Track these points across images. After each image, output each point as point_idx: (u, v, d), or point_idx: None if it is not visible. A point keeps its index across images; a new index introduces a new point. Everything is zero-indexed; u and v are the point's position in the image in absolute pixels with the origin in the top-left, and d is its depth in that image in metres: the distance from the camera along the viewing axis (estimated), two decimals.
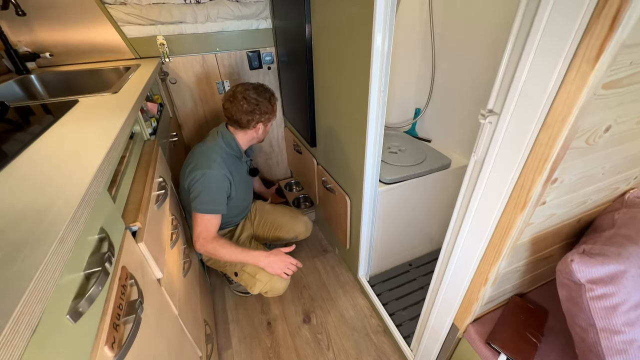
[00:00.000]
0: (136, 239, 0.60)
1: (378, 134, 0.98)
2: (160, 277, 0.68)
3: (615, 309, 0.50)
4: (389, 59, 0.83)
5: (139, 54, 1.45)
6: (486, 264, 0.60)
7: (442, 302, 0.77)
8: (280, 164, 2.13)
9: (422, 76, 1.45)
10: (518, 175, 0.49)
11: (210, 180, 1.04)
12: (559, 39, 0.38)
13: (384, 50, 0.81)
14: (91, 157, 0.48)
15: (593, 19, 0.35)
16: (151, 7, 1.39)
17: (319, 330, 1.28)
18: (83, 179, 0.42)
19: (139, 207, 0.66)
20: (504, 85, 0.49)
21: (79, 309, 0.35)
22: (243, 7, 1.53)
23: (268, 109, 1.14)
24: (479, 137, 0.55)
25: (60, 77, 1.23)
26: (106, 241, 0.45)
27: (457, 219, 0.66)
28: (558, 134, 0.42)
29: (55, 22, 1.26)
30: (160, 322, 0.62)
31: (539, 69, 0.42)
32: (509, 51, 0.47)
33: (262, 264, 1.12)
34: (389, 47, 0.81)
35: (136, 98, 0.80)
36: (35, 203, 0.37)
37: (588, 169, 0.52)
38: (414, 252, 1.53)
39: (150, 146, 0.94)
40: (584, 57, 0.36)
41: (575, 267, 0.50)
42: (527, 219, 0.51)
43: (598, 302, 0.51)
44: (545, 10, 0.39)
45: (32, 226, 0.34)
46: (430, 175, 1.24)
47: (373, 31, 0.78)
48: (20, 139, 0.57)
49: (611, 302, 0.50)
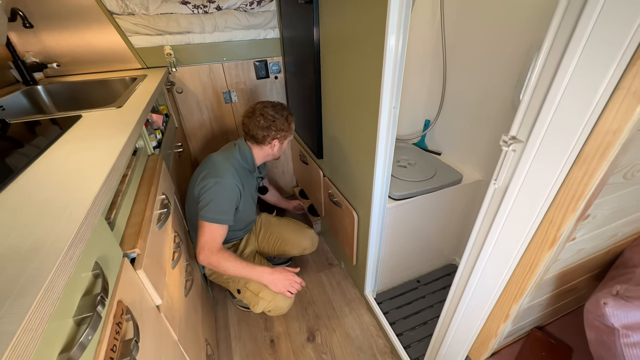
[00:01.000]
0: (135, 266, 0.57)
1: (388, 151, 0.94)
2: (160, 303, 0.65)
3: None
4: (401, 75, 0.80)
5: (146, 64, 1.44)
6: (507, 300, 0.56)
7: (456, 333, 0.73)
8: (285, 173, 2.11)
9: (433, 87, 1.41)
10: (546, 210, 0.45)
11: (222, 188, 1.04)
12: (601, 64, 0.34)
13: (395, 65, 0.78)
14: (89, 184, 0.46)
15: None
16: (159, 17, 1.38)
17: (324, 350, 1.24)
18: (77, 213, 0.39)
19: (139, 230, 0.63)
20: (530, 111, 0.45)
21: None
22: (251, 17, 1.52)
23: (284, 126, 1.16)
24: (500, 163, 0.51)
25: (67, 88, 1.22)
26: (100, 278, 0.42)
27: (473, 248, 0.61)
28: (595, 171, 0.37)
29: (63, 32, 1.26)
30: (159, 352, 0.59)
31: (575, 98, 0.38)
32: (538, 74, 0.43)
33: (266, 280, 1.08)
34: (401, 61, 0.77)
35: (140, 114, 0.77)
36: (22, 243, 0.35)
37: (622, 202, 0.48)
38: (423, 268, 1.48)
39: (154, 161, 0.91)
40: (629, 90, 0.32)
41: (609, 311, 0.46)
42: (555, 256, 0.47)
43: (634, 349, 0.47)
44: (586, 28, 0.35)
45: (17, 270, 0.31)
46: (441, 191, 1.19)
47: (385, 42, 0.74)
48: (18, 161, 0.55)
49: None
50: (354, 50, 0.93)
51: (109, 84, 1.27)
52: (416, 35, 1.31)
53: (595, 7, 0.34)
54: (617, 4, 0.32)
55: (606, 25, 0.33)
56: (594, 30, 0.35)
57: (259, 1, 1.51)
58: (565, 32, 0.38)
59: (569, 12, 0.37)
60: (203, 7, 1.44)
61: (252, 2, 1.50)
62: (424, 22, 1.28)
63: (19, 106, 1.06)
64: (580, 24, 0.35)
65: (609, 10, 0.33)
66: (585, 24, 0.35)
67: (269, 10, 1.54)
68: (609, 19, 0.33)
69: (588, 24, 0.35)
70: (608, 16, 0.33)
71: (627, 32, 0.32)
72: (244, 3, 1.49)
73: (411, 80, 1.41)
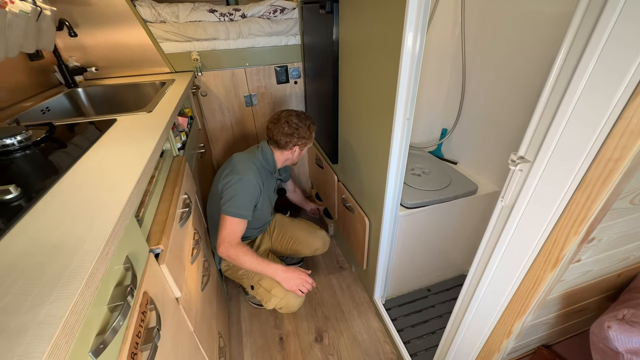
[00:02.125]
0: (158, 261, 0.63)
1: (401, 160, 0.96)
2: (179, 295, 0.70)
3: None
4: (415, 87, 0.81)
5: (174, 68, 1.53)
6: (510, 316, 0.56)
7: (460, 346, 0.73)
8: (301, 175, 2.15)
9: (451, 95, 1.40)
10: (550, 231, 0.45)
11: (245, 185, 1.11)
12: (605, 94, 0.35)
13: (410, 78, 0.80)
14: (122, 186, 0.51)
15: None
16: (188, 25, 1.46)
17: (331, 352, 1.27)
18: (112, 213, 0.45)
19: (164, 227, 0.68)
20: (538, 133, 0.46)
21: (101, 346, 0.36)
22: (274, 24, 1.57)
23: (306, 134, 1.22)
24: (508, 182, 0.52)
25: (103, 90, 1.32)
26: (130, 271, 0.47)
27: (480, 263, 0.62)
28: (598, 196, 0.38)
29: (102, 39, 1.36)
30: (176, 340, 0.64)
31: (580, 125, 0.39)
32: (546, 97, 0.44)
33: (279, 277, 1.13)
34: (416, 75, 0.79)
35: (167, 120, 0.84)
36: (68, 239, 0.40)
37: (632, 227, 0.47)
38: (434, 277, 1.48)
39: (179, 162, 0.98)
40: (631, 121, 0.33)
41: (613, 334, 0.46)
42: (558, 276, 0.48)
43: None
44: (591, 57, 0.36)
45: (65, 262, 0.37)
46: (455, 201, 1.19)
47: (400, 58, 0.76)
48: (63, 161, 0.62)
49: None
50: (370, 60, 0.95)
51: (141, 87, 1.37)
52: (436, 43, 1.31)
53: (601, 37, 0.35)
54: (622, 38, 0.33)
55: (611, 56, 0.34)
56: (599, 59, 0.36)
57: (282, 9, 1.56)
58: (572, 60, 0.39)
59: (576, 41, 0.38)
60: (229, 15, 1.51)
61: (276, 10, 1.55)
62: (445, 30, 1.28)
63: (62, 107, 1.17)
64: (586, 54, 0.36)
65: (613, 42, 0.34)
66: (591, 53, 0.36)
67: (291, 17, 1.59)
68: (613, 50, 0.34)
69: (594, 53, 0.36)
70: (613, 47, 0.34)
71: (631, 64, 0.33)
72: (267, 11, 1.55)
73: (429, 88, 1.41)
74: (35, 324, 0.29)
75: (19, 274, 0.35)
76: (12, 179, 0.57)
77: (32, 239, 0.41)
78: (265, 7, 1.54)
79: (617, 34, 0.33)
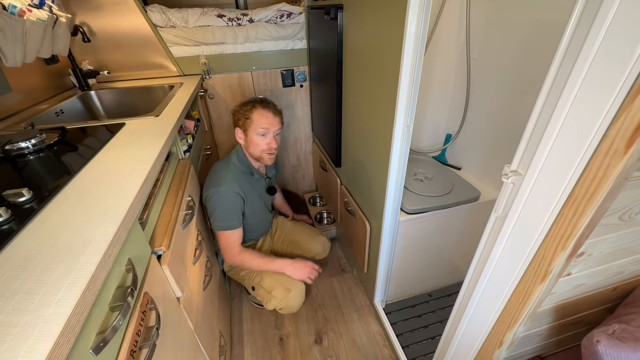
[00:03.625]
0: (160, 262, 0.66)
1: (401, 166, 0.97)
2: (180, 295, 0.73)
3: None
4: (415, 95, 0.82)
5: (183, 72, 1.57)
6: (502, 327, 0.57)
7: (455, 354, 0.74)
8: (306, 177, 2.17)
9: (456, 101, 1.40)
10: (539, 245, 0.46)
11: (221, 197, 1.08)
12: (588, 117, 0.36)
13: (410, 87, 0.80)
14: (126, 193, 0.54)
15: (626, 102, 0.32)
16: (197, 29, 1.50)
17: (330, 354, 1.28)
18: (115, 218, 0.47)
19: (166, 230, 0.71)
20: (530, 147, 0.47)
21: (101, 344, 0.39)
22: (281, 28, 1.60)
23: (239, 114, 1.17)
24: (501, 194, 0.53)
25: (114, 94, 1.37)
26: (131, 273, 0.50)
27: (474, 272, 0.63)
28: (584, 212, 0.39)
29: (114, 43, 1.41)
30: (175, 339, 0.67)
31: (567, 142, 0.39)
32: (537, 113, 0.45)
33: (288, 270, 1.19)
34: (416, 84, 0.80)
35: (173, 125, 0.87)
36: (74, 241, 0.43)
37: (624, 242, 0.47)
38: (435, 283, 1.47)
39: (184, 165, 1.01)
40: (611, 147, 0.34)
41: (602, 349, 0.46)
42: (547, 289, 0.48)
43: None
44: (577, 79, 0.37)
45: (70, 264, 0.39)
46: (457, 208, 1.19)
47: (400, 68, 0.77)
48: (73, 163, 0.65)
49: None
50: (372, 68, 0.96)
51: (150, 90, 1.41)
52: (441, 48, 1.31)
53: (588, 56, 0.35)
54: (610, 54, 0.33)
55: (596, 77, 0.35)
56: (585, 78, 0.36)
57: (289, 14, 1.58)
58: (561, 79, 0.39)
59: (565, 60, 0.39)
60: (237, 19, 1.54)
61: (283, 15, 1.57)
62: (450, 37, 1.28)
63: (75, 109, 1.22)
64: (573, 73, 0.37)
65: (599, 63, 0.34)
66: (578, 72, 0.37)
67: (297, 22, 1.61)
68: (599, 70, 0.34)
69: (581, 72, 0.36)
70: (598, 69, 0.35)
71: (615, 87, 0.33)
72: (274, 16, 1.57)
73: (434, 93, 1.41)
74: (41, 322, 0.32)
75: (29, 274, 0.38)
76: (26, 182, 0.61)
77: (42, 240, 0.43)
78: (272, 12, 1.57)
79: (602, 55, 0.34)
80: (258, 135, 1.15)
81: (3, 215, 0.47)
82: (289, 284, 1.22)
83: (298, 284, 1.23)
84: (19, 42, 0.88)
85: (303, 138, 1.99)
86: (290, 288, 1.21)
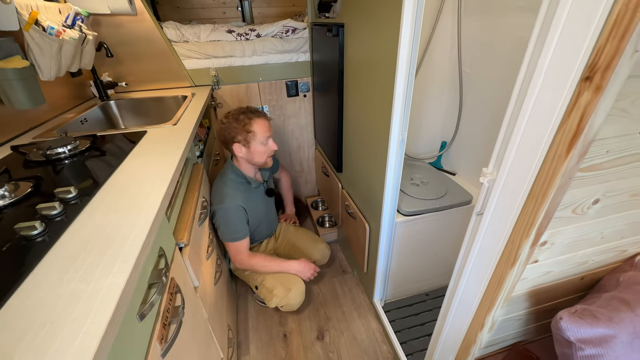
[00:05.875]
0: (182, 253, 0.74)
1: (397, 171, 1.05)
2: (197, 285, 0.81)
3: None
4: (408, 107, 0.91)
5: (194, 83, 1.68)
6: (482, 311, 0.65)
7: (446, 339, 0.81)
8: (308, 183, 2.26)
9: (450, 111, 1.49)
10: (509, 235, 0.54)
11: (225, 214, 1.17)
12: (540, 129, 0.45)
13: (404, 99, 0.90)
14: (156, 190, 0.63)
15: (565, 117, 0.41)
16: (208, 44, 1.61)
17: (331, 349, 1.35)
18: (150, 212, 0.56)
19: (186, 225, 0.80)
20: (500, 153, 0.56)
21: (144, 312, 0.47)
22: (286, 42, 1.71)
23: (236, 130, 1.17)
24: (480, 194, 0.61)
25: (132, 103, 1.47)
26: (163, 258, 0.58)
27: (460, 263, 0.71)
28: (540, 206, 0.47)
29: (133, 57, 1.52)
30: (194, 324, 0.75)
31: (526, 149, 0.48)
32: (505, 126, 0.54)
33: (294, 270, 1.32)
34: (408, 97, 0.89)
35: (190, 132, 0.96)
36: (118, 230, 0.52)
37: (583, 233, 0.56)
38: (432, 283, 1.54)
39: (198, 169, 1.10)
40: (556, 153, 0.42)
41: (564, 325, 0.54)
42: (517, 274, 0.56)
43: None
44: (527, 110, 0.46)
45: (119, 246, 0.48)
46: (451, 210, 1.27)
47: (394, 86, 0.87)
48: (106, 166, 0.75)
49: None
50: (369, 82, 1.06)
51: (164, 101, 1.51)
52: (435, 64, 1.41)
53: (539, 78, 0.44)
54: (550, 86, 0.42)
55: (546, 98, 0.44)
56: (536, 101, 0.45)
57: (294, 29, 1.69)
58: (522, 97, 0.48)
59: (523, 87, 0.48)
60: (245, 35, 1.65)
61: (288, 30, 1.69)
62: (443, 52, 1.38)
63: (97, 118, 1.32)
64: (527, 96, 0.46)
65: (546, 88, 0.43)
66: (531, 95, 0.46)
67: (301, 37, 1.72)
68: (547, 94, 0.43)
69: (534, 93, 0.45)
70: (546, 92, 0.44)
71: (557, 104, 0.42)
72: (280, 31, 1.69)
73: (430, 104, 1.50)
74: (104, 289, 0.41)
75: (88, 253, 0.46)
76: (67, 182, 0.70)
77: (93, 228, 0.52)
78: (278, 28, 1.68)
79: (546, 85, 0.43)
80: (262, 144, 1.22)
81: (57, 208, 0.56)
82: (289, 283, 1.31)
83: (298, 284, 1.31)
84: (54, 58, 0.98)
85: (306, 145, 2.09)
86: (291, 287, 1.30)
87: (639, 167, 0.48)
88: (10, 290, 0.40)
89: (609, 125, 0.40)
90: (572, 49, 0.39)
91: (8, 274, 0.43)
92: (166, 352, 0.53)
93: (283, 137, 2.01)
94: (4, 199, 0.60)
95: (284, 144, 2.04)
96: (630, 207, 0.55)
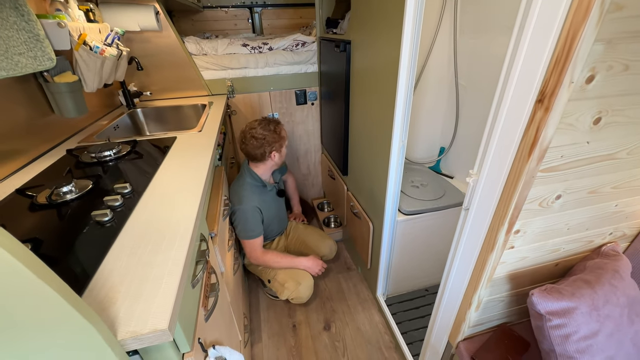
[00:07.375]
0: (213, 242, 0.86)
1: (398, 174, 1.17)
2: (223, 271, 0.93)
3: (568, 338, 0.63)
4: (408, 116, 1.04)
5: (211, 92, 1.82)
6: (470, 291, 0.76)
7: (440, 321, 0.92)
8: (315, 186, 2.38)
9: (447, 119, 1.62)
10: (489, 225, 0.66)
11: (244, 214, 1.32)
12: (508, 139, 0.57)
13: (404, 109, 1.02)
14: (195, 187, 0.75)
15: (526, 129, 0.53)
16: (224, 56, 1.76)
17: (337, 339, 1.45)
18: (194, 204, 0.68)
19: (215, 218, 0.92)
20: (482, 156, 0.68)
21: (194, 282, 0.59)
22: (296, 55, 1.85)
23: (275, 138, 1.34)
24: (467, 192, 0.73)
25: (156, 111, 1.61)
26: (204, 242, 0.71)
27: (453, 251, 0.83)
28: (511, 199, 0.59)
29: (157, 68, 1.66)
30: (220, 305, 0.87)
31: (500, 152, 0.60)
32: (487, 133, 0.66)
33: (304, 266, 1.44)
34: (408, 107, 1.01)
35: (215, 137, 1.09)
36: (170, 218, 0.64)
37: (551, 224, 0.67)
38: (431, 279, 1.65)
39: (219, 171, 1.23)
40: (521, 156, 0.55)
41: (535, 299, 0.65)
42: (496, 258, 0.67)
43: (555, 330, 0.65)
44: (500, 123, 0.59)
45: (175, 230, 0.60)
46: (448, 210, 1.38)
47: (396, 96, 0.99)
48: (149, 167, 0.88)
49: (565, 332, 0.64)
50: (373, 92, 1.18)
51: (185, 109, 1.65)
52: (434, 77, 1.54)
53: (508, 99, 0.57)
54: (514, 109, 0.55)
55: (514, 111, 0.56)
56: (506, 114, 0.57)
57: (303, 43, 1.84)
58: (496, 114, 0.61)
59: (498, 101, 0.60)
60: (258, 48, 1.80)
61: (298, 44, 1.83)
62: (441, 65, 1.51)
63: (126, 125, 1.46)
64: (501, 109, 0.58)
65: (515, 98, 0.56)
66: (503, 108, 0.58)
67: (310, 50, 1.86)
68: (515, 110, 0.56)
69: (504, 108, 0.58)
70: (514, 105, 0.56)
71: (521, 117, 0.54)
72: (290, 45, 1.83)
73: (429, 113, 1.63)
74: (170, 259, 0.53)
75: (152, 233, 0.59)
76: (119, 180, 0.83)
77: (149, 216, 0.65)
78: (288, 42, 1.83)
79: (514, 104, 0.55)
80: (286, 147, 1.44)
81: (119, 200, 0.68)
82: (299, 277, 1.43)
83: (307, 278, 1.44)
84: (97, 73, 1.12)
85: (313, 150, 2.22)
86: (300, 281, 1.42)
87: (591, 169, 0.60)
88: (100, 258, 0.53)
89: (560, 136, 0.52)
90: (529, 78, 0.51)
91: (96, 247, 0.55)
92: (207, 318, 0.65)
93: (292, 142, 2.14)
94: (71, 194, 0.73)
95: (293, 149, 2.17)
96: (589, 203, 0.67)
